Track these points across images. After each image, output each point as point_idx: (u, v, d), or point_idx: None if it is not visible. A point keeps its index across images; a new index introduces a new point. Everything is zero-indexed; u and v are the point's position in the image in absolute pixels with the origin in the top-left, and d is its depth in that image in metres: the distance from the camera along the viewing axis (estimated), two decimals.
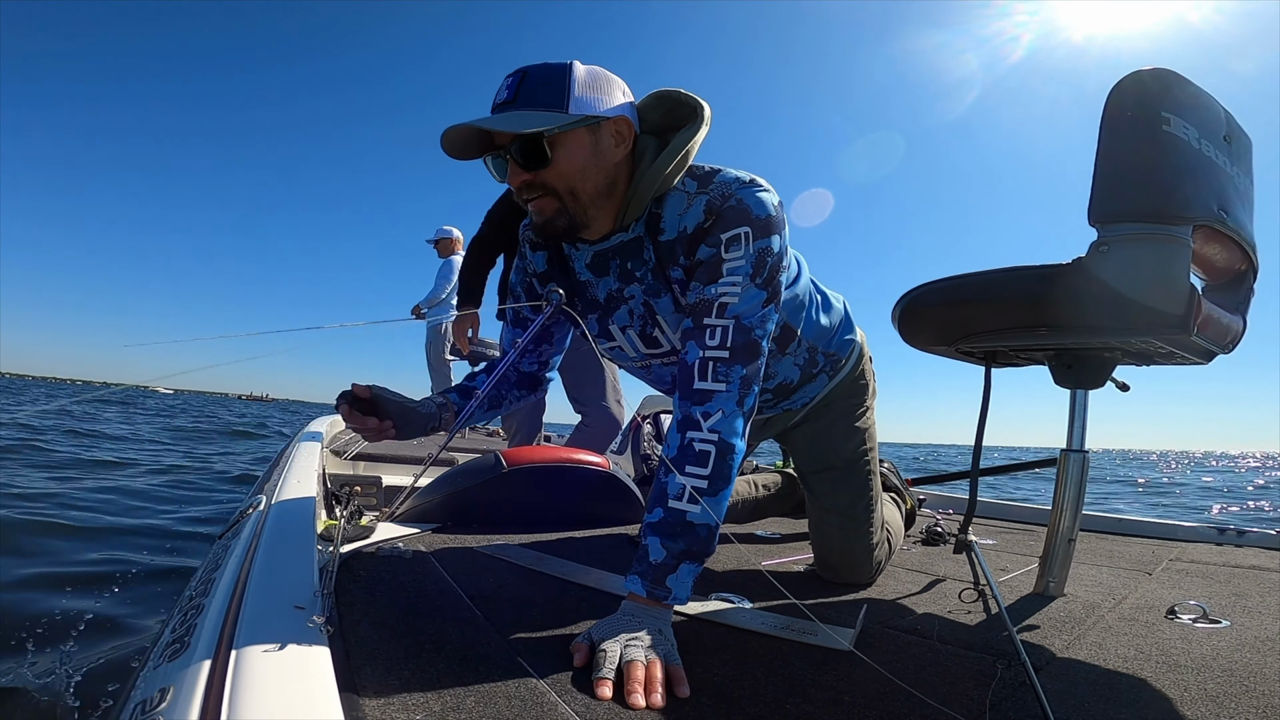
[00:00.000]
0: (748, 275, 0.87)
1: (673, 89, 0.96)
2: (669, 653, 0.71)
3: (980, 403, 1.20)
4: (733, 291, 0.87)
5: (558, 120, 0.84)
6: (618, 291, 1.00)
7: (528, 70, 0.85)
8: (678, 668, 0.69)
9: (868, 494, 1.21)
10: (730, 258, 0.87)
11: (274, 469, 1.73)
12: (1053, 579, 1.14)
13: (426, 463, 1.61)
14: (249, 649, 0.54)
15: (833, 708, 0.65)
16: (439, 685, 0.62)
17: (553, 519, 1.53)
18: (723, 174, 0.91)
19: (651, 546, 0.82)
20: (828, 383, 1.22)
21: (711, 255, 0.88)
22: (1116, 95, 0.92)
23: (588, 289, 1.03)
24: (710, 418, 0.85)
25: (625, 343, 1.06)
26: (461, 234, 4.88)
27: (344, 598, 0.85)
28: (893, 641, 0.87)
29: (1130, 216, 0.91)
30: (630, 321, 1.02)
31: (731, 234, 0.87)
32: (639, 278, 0.97)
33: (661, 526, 0.82)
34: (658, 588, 0.79)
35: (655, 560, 0.81)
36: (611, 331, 1.05)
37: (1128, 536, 1.95)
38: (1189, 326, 0.89)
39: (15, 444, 5.24)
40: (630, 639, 0.71)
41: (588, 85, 0.86)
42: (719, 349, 0.86)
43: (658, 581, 0.80)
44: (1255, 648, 0.90)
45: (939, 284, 1.14)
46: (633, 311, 1.01)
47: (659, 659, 0.68)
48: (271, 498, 1.18)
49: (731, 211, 0.88)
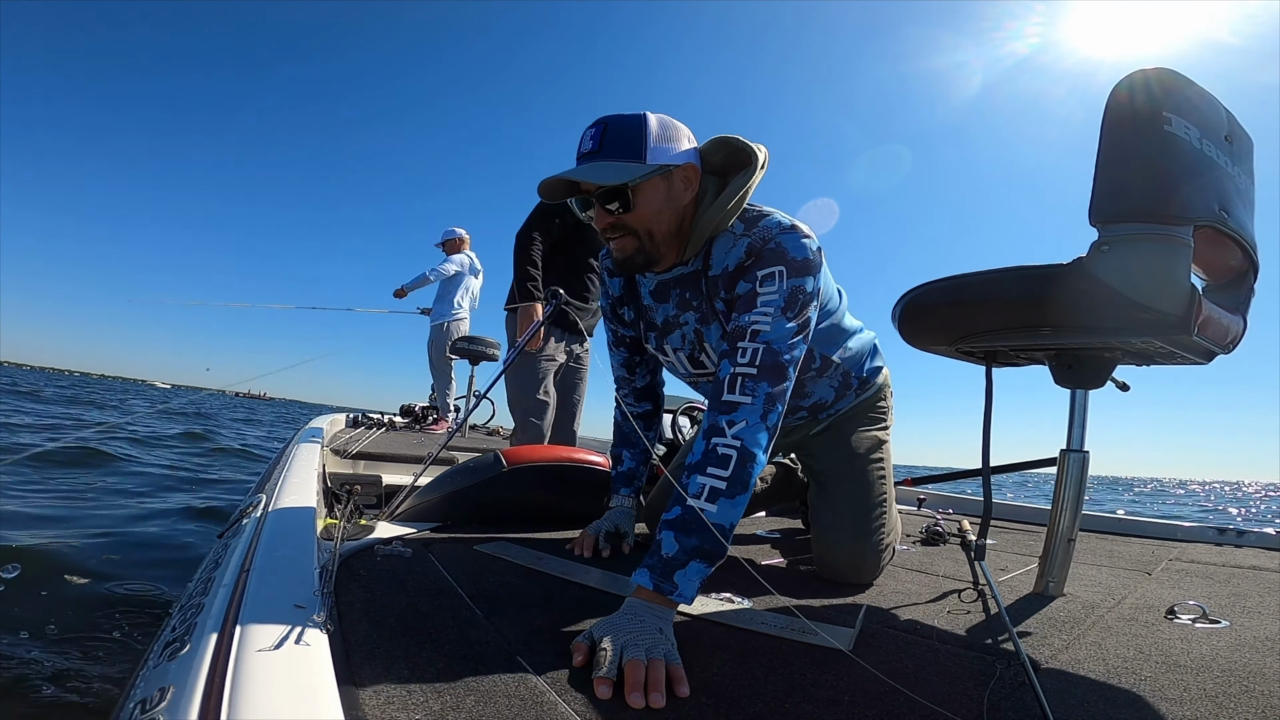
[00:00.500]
0: (779, 308, 0.96)
1: (733, 136, 1.06)
2: (669, 652, 0.71)
3: (984, 403, 1.20)
4: (764, 320, 0.95)
5: (638, 171, 0.96)
6: (674, 318, 1.15)
7: (608, 122, 0.98)
8: (678, 667, 0.69)
9: (882, 494, 1.26)
10: (764, 292, 0.97)
11: (274, 468, 1.74)
12: (1052, 579, 1.14)
13: (426, 462, 1.61)
14: (249, 648, 0.54)
15: (832, 707, 0.65)
16: (439, 685, 0.62)
17: (553, 519, 1.53)
18: (768, 218, 1.02)
19: (665, 540, 0.85)
20: (854, 400, 1.34)
21: (748, 290, 0.99)
22: (1118, 95, 0.92)
23: (649, 312, 1.20)
24: (735, 425, 0.90)
25: (676, 361, 1.21)
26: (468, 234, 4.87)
27: (344, 597, 0.85)
28: (892, 641, 0.87)
29: (1131, 216, 0.91)
30: (682, 345, 1.17)
31: (767, 271, 0.97)
32: (694, 306, 1.11)
33: (678, 523, 0.85)
34: (665, 581, 0.82)
35: (667, 554, 0.84)
36: (666, 350, 1.21)
37: (1127, 536, 1.95)
38: (1190, 327, 0.89)
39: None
40: (630, 638, 0.71)
41: (660, 136, 0.98)
42: (748, 366, 0.93)
43: (666, 575, 0.82)
44: (1255, 648, 0.90)
45: (939, 283, 1.14)
46: (685, 336, 1.15)
47: (660, 659, 0.68)
48: (272, 497, 1.18)
49: (770, 253, 0.98)
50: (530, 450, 1.59)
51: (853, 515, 1.21)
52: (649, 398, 1.44)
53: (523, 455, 1.55)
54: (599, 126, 0.97)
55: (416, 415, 4.60)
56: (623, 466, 1.39)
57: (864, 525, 1.20)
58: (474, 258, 4.85)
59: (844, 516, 1.21)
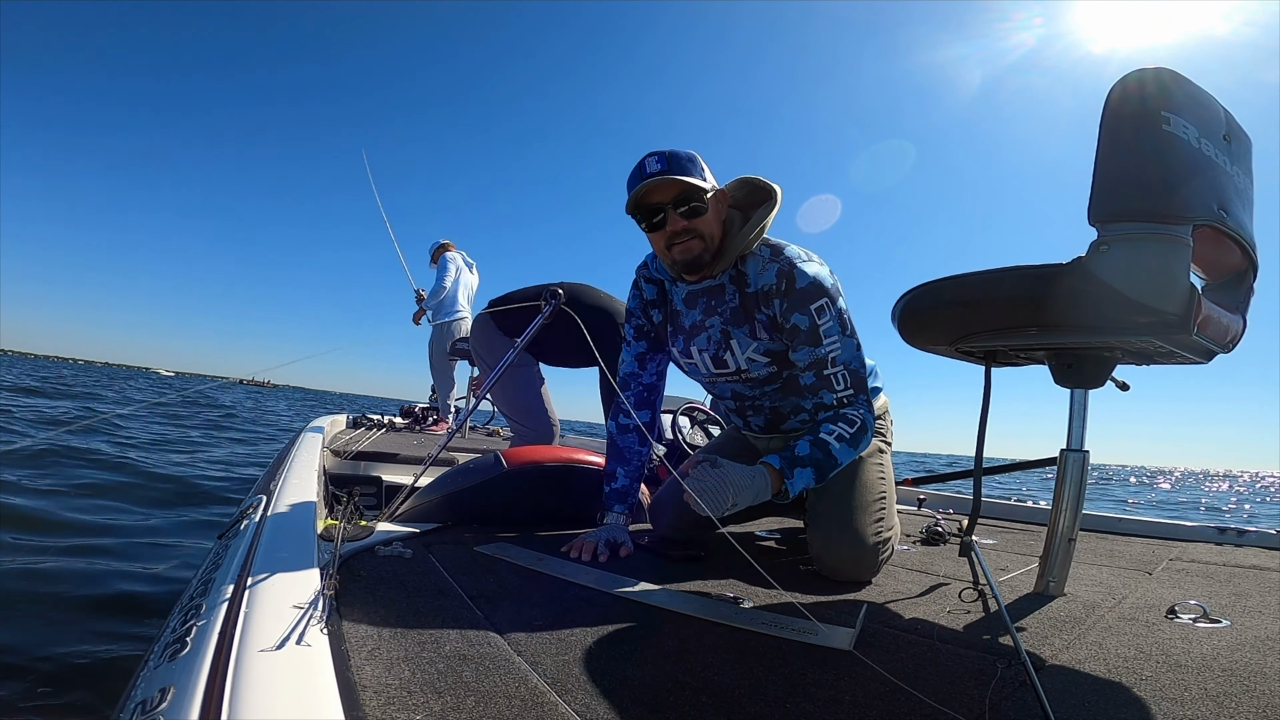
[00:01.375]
0: (840, 331, 1.22)
1: (754, 176, 1.32)
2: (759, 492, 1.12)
3: (981, 402, 1.20)
4: (835, 346, 1.21)
5: (708, 185, 1.21)
6: (700, 322, 1.35)
7: (669, 152, 1.21)
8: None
9: (881, 493, 1.29)
10: (823, 322, 1.21)
11: (275, 469, 1.73)
12: (1053, 578, 1.14)
13: (426, 463, 1.61)
14: (250, 649, 0.54)
15: (833, 707, 0.65)
16: (439, 685, 0.62)
17: (553, 519, 1.53)
18: (788, 249, 1.25)
19: (799, 445, 1.17)
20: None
21: (809, 324, 1.21)
22: (1116, 94, 0.92)
23: (678, 317, 1.40)
24: (858, 409, 1.22)
25: (699, 361, 1.38)
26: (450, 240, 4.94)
27: (344, 598, 0.85)
28: (893, 641, 0.87)
29: (1130, 216, 0.91)
30: (707, 345, 1.35)
31: (817, 305, 1.20)
32: (720, 313, 1.31)
33: (813, 441, 1.17)
34: (788, 468, 1.14)
35: (799, 453, 1.16)
36: (691, 351, 1.38)
37: (1128, 536, 1.95)
38: (1189, 326, 0.89)
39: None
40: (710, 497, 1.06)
41: (704, 167, 1.24)
42: (845, 389, 1.22)
43: (789, 464, 1.15)
44: (1256, 647, 0.90)
45: (939, 283, 1.14)
46: (710, 337, 1.34)
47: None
48: (272, 498, 1.18)
49: (811, 288, 1.20)
50: (530, 451, 1.59)
51: (852, 511, 1.22)
52: (648, 406, 1.49)
53: (523, 456, 1.55)
54: (662, 155, 1.20)
55: (416, 416, 4.61)
56: (616, 484, 1.42)
57: (863, 521, 1.22)
58: (463, 254, 4.91)
59: (844, 512, 1.22)
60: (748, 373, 1.32)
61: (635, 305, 1.47)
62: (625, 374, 1.49)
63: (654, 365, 1.49)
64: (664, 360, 1.50)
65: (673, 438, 2.06)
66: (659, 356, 1.49)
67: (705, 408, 2.31)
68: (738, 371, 1.33)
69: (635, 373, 1.49)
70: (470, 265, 4.93)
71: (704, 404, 2.33)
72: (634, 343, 1.49)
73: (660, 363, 1.50)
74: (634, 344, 1.49)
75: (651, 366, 1.49)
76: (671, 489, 1.46)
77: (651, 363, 1.49)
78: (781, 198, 1.27)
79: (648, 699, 0.64)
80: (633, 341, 1.49)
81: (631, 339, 1.49)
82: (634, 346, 1.49)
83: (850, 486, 1.26)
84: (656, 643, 0.80)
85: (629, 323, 1.49)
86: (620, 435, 1.45)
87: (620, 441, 1.45)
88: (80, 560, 2.38)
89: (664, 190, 1.20)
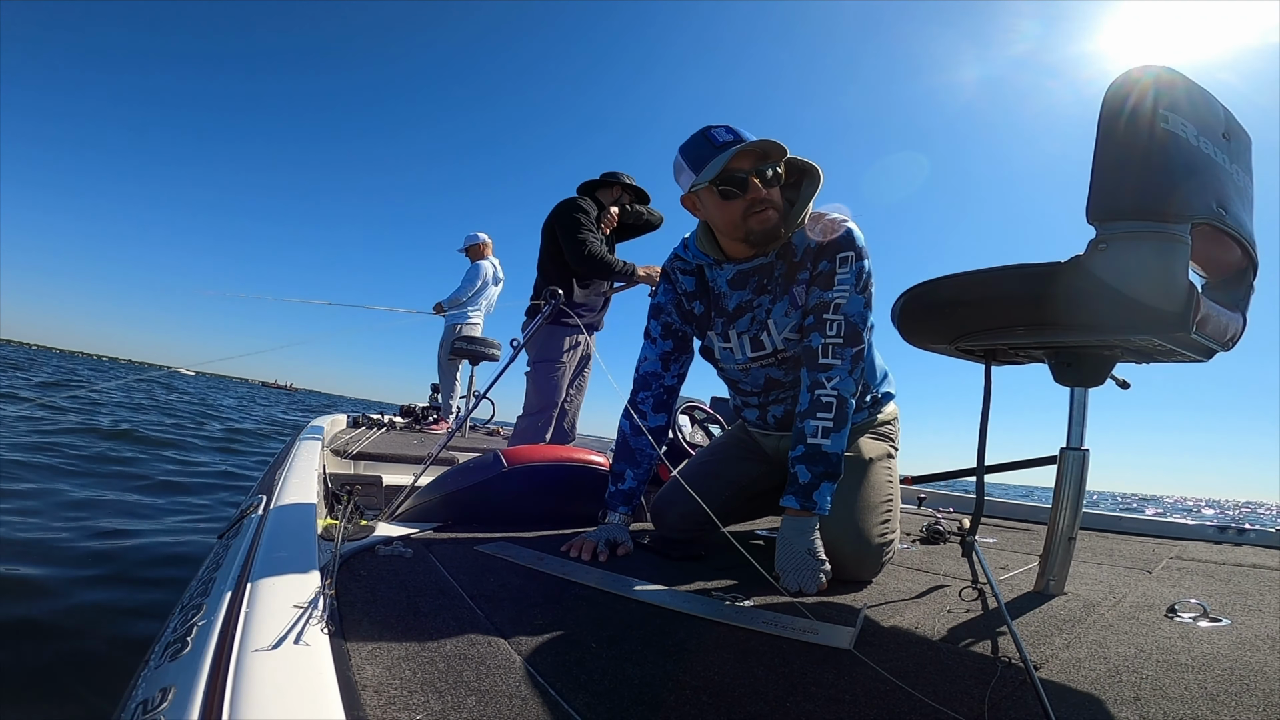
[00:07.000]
0: (853, 285, 1.20)
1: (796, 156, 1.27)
2: (815, 565, 1.10)
3: (981, 401, 1.20)
4: (843, 294, 1.20)
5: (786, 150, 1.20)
6: (747, 302, 1.31)
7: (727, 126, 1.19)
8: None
9: (888, 495, 1.29)
10: (841, 272, 1.20)
11: (275, 469, 1.74)
12: (1053, 577, 1.14)
13: (426, 462, 1.61)
14: (250, 649, 0.54)
15: (833, 706, 0.65)
16: (439, 685, 0.62)
17: (553, 519, 1.53)
18: (829, 214, 1.25)
19: (799, 473, 1.16)
20: (866, 415, 1.41)
21: (828, 269, 1.21)
22: (1114, 92, 0.92)
23: (721, 299, 1.35)
24: (831, 380, 1.18)
25: (736, 346, 1.35)
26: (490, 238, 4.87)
27: (344, 598, 0.85)
28: (893, 640, 0.87)
29: (1129, 214, 0.91)
30: (748, 328, 1.32)
31: (844, 255, 1.20)
32: (769, 289, 1.29)
33: (804, 458, 1.16)
34: (806, 501, 1.15)
35: (804, 482, 1.15)
36: (729, 335, 1.35)
37: (1128, 535, 1.95)
38: (1188, 324, 0.88)
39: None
40: (789, 574, 1.09)
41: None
42: (835, 336, 1.19)
43: (806, 496, 1.15)
44: (1256, 646, 0.90)
45: (938, 282, 1.14)
46: (755, 318, 1.31)
47: (810, 576, 1.08)
48: (272, 498, 1.18)
49: (843, 239, 1.21)
50: (530, 450, 1.59)
51: (859, 512, 1.22)
52: (665, 409, 1.45)
53: (523, 455, 1.55)
54: (723, 126, 1.18)
55: (416, 415, 4.61)
56: (624, 485, 1.39)
57: (869, 522, 1.21)
58: (497, 265, 4.85)
59: (851, 512, 1.22)
60: (784, 352, 1.29)
61: (667, 300, 1.42)
62: (646, 372, 1.44)
63: (677, 367, 1.45)
64: (687, 363, 1.47)
65: (673, 437, 2.07)
66: (684, 359, 1.45)
67: (705, 407, 2.31)
68: (774, 353, 1.30)
69: (658, 373, 1.43)
70: (498, 279, 4.87)
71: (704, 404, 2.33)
72: (660, 340, 1.43)
73: (683, 365, 1.46)
74: (660, 341, 1.43)
75: (674, 369, 1.45)
76: (673, 489, 1.46)
77: (675, 364, 1.45)
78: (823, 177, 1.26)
79: (648, 698, 0.64)
80: (658, 339, 1.43)
81: (658, 336, 1.43)
82: (659, 344, 1.43)
83: (858, 488, 1.26)
84: (656, 642, 0.80)
85: (656, 319, 1.43)
86: (634, 437, 1.40)
87: (633, 443, 1.40)
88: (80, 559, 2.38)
89: (746, 158, 1.17)
